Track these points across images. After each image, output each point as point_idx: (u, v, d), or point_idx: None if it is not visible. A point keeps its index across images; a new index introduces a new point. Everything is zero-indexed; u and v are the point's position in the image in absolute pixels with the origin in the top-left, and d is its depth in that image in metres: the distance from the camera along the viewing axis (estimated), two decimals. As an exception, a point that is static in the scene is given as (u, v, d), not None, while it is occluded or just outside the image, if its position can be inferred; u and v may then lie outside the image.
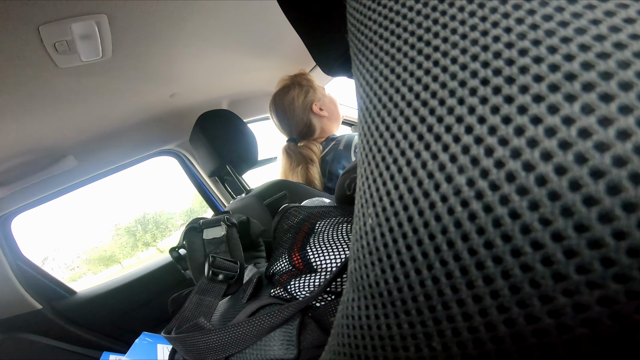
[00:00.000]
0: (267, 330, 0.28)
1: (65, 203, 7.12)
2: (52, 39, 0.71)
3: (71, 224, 58.58)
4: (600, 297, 0.09)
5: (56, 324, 1.20)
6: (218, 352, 0.28)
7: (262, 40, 1.14)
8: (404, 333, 0.12)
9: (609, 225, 0.08)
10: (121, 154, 1.33)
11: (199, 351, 0.28)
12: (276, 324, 0.27)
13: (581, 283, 0.09)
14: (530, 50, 0.10)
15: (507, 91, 0.10)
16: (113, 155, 1.30)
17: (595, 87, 0.08)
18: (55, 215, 57.80)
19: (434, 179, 0.12)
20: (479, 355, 0.10)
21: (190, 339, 0.28)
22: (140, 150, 1.38)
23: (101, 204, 61.48)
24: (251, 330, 0.27)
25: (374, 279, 0.14)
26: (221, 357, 0.28)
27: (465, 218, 0.11)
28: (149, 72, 1.03)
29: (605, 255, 0.08)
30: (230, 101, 1.47)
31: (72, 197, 1.28)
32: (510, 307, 0.10)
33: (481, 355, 0.10)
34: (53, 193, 1.23)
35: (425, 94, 0.13)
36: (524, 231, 0.09)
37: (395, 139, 0.14)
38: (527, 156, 0.09)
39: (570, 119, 0.09)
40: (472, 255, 0.10)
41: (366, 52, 0.17)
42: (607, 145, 0.08)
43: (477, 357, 0.10)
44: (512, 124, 0.10)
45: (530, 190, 0.09)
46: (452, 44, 0.12)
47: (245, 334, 0.27)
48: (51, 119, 1.00)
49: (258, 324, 0.27)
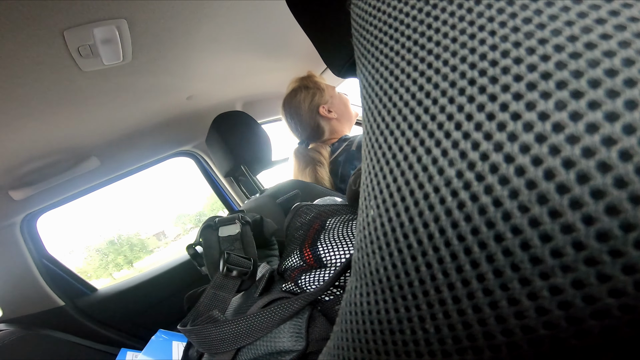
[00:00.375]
0: (277, 322, 0.29)
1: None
2: (76, 43, 0.74)
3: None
4: (573, 280, 0.09)
5: (77, 321, 1.24)
6: (230, 343, 0.29)
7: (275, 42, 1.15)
8: (401, 317, 0.13)
9: (579, 211, 0.09)
10: (141, 155, 1.37)
11: (213, 342, 0.30)
12: (286, 316, 0.28)
13: (556, 266, 0.09)
14: (511, 52, 0.11)
15: (491, 90, 0.11)
16: (133, 156, 1.34)
17: (567, 85, 0.09)
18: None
19: (427, 171, 0.12)
20: (467, 336, 0.11)
21: (204, 330, 0.30)
22: (159, 151, 1.41)
23: (74, 224, 61.13)
24: (262, 322, 0.28)
25: (374, 266, 0.15)
26: (233, 347, 0.30)
27: (455, 207, 0.11)
28: (167, 75, 1.05)
29: (576, 239, 0.09)
30: (245, 102, 1.49)
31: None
32: (494, 291, 0.11)
33: (469, 337, 0.11)
34: (76, 193, 1.28)
35: (420, 94, 0.14)
36: (505, 218, 0.10)
37: (394, 136, 0.15)
38: (507, 149, 0.10)
39: (545, 114, 0.09)
40: (460, 242, 0.11)
41: (368, 55, 0.18)
42: (577, 138, 0.09)
43: (466, 338, 0.11)
44: (495, 120, 0.11)
45: (510, 180, 0.10)
46: (444, 48, 0.13)
47: (257, 326, 0.29)
48: (75, 121, 1.03)
49: (269, 316, 0.28)
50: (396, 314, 0.13)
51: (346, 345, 0.16)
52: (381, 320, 0.14)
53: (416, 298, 0.13)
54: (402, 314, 0.13)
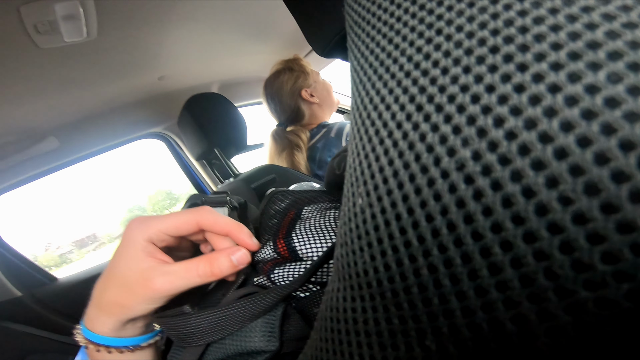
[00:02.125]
0: (247, 319, 0.26)
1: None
2: (33, 19, 0.68)
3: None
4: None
5: (36, 312, 1.17)
6: (196, 338, 0.26)
7: (257, 23, 1.12)
8: (394, 329, 0.11)
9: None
10: (106, 136, 1.29)
11: (179, 335, 0.27)
12: (257, 312, 0.26)
13: None
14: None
15: (520, 59, 0.09)
16: (97, 137, 1.27)
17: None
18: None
19: (433, 152, 0.10)
20: (480, 357, 0.09)
21: (172, 322, 0.27)
22: (126, 133, 1.35)
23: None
24: (230, 318, 0.26)
25: (362, 266, 0.12)
26: (200, 342, 0.27)
27: (470, 197, 0.09)
28: (136, 54, 0.99)
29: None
30: (221, 85, 1.44)
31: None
32: (521, 302, 0.08)
33: (483, 357, 0.09)
34: (34, 175, 1.19)
35: (426, 63, 0.11)
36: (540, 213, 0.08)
37: (391, 111, 0.12)
38: (543, 126, 0.08)
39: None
40: (476, 240, 0.09)
41: (362, 24, 0.16)
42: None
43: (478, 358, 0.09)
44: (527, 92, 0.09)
45: (545, 160, 0.08)
46: (458, 13, 0.11)
47: (224, 322, 0.26)
48: (32, 99, 0.96)
49: (237, 312, 0.26)
50: (388, 325, 0.11)
51: (326, 357, 0.14)
52: (369, 332, 0.12)
53: (415, 308, 0.10)
54: (396, 326, 0.11)
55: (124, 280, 0.25)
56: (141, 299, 0.25)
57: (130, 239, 0.26)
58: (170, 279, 0.24)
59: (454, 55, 0.11)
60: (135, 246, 0.25)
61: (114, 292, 0.26)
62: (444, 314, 0.10)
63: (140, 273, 0.25)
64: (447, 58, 0.11)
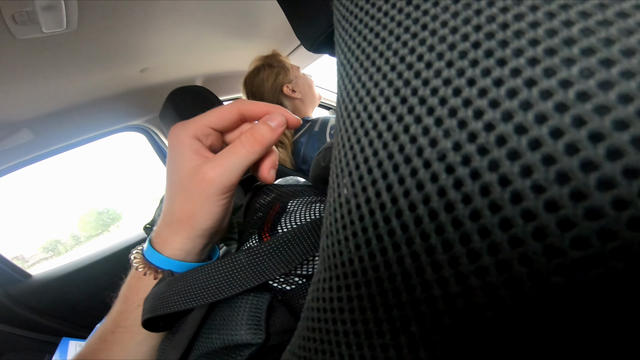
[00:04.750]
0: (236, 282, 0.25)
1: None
2: (11, 10, 0.65)
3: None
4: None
5: (11, 310, 1.12)
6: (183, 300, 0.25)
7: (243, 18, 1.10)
8: (379, 317, 0.11)
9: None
10: (83, 129, 1.25)
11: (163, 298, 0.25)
12: (242, 277, 0.25)
13: None
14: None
15: (499, 54, 0.09)
16: (74, 130, 1.22)
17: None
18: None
19: (416, 142, 0.10)
20: (462, 342, 0.09)
21: (160, 288, 0.26)
22: (105, 125, 1.30)
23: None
24: (219, 274, 0.25)
25: (347, 256, 0.12)
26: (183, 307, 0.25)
27: (450, 185, 0.09)
28: (117, 46, 0.96)
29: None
30: (205, 79, 1.42)
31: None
32: (499, 287, 0.09)
33: (465, 342, 0.09)
34: (6, 168, 1.14)
35: (411, 57, 0.12)
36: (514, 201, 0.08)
37: (376, 103, 0.12)
38: (519, 118, 0.08)
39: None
40: (456, 228, 0.09)
41: (350, 17, 0.16)
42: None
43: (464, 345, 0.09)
44: (505, 86, 0.09)
45: (523, 155, 0.08)
46: (443, 8, 0.11)
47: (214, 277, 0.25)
48: (5, 90, 0.92)
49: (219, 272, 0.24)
50: (373, 313, 0.11)
51: (313, 346, 0.14)
52: (355, 321, 0.12)
53: (399, 295, 0.11)
54: (380, 314, 0.11)
55: (181, 184, 0.25)
56: (202, 199, 0.24)
57: (176, 141, 0.26)
58: (220, 164, 0.24)
59: (437, 49, 0.11)
60: (182, 146, 0.25)
61: (178, 201, 0.25)
62: (426, 300, 0.10)
63: (192, 170, 0.25)
64: (431, 52, 0.11)
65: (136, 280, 0.28)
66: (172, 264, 0.26)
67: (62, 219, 6.99)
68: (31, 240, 5.43)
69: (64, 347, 1.03)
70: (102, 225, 5.71)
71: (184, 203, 0.25)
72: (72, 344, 1.05)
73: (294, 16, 0.31)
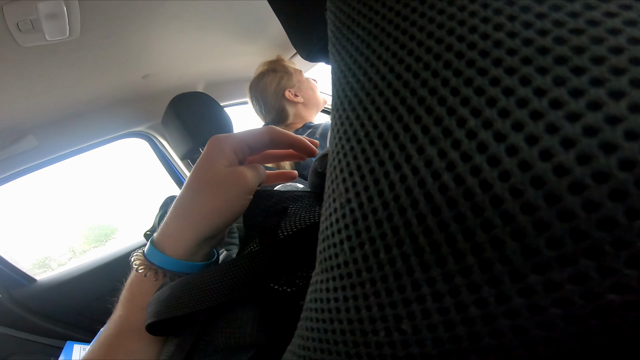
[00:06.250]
0: (234, 285, 0.25)
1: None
2: (16, 18, 0.67)
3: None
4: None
5: (16, 314, 1.14)
6: (202, 296, 0.25)
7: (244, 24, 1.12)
8: (373, 316, 0.12)
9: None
10: (87, 135, 1.26)
11: (178, 298, 0.25)
12: (244, 278, 0.25)
13: None
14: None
15: (496, 54, 0.10)
16: (78, 136, 1.24)
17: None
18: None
19: (405, 150, 0.11)
20: (450, 339, 0.10)
21: (174, 287, 0.26)
22: (108, 132, 1.32)
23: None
24: (229, 276, 0.25)
25: (343, 258, 0.13)
26: (200, 306, 0.25)
27: (436, 190, 0.10)
28: (120, 53, 0.98)
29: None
30: (207, 84, 1.43)
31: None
32: (481, 286, 0.09)
33: (452, 338, 0.10)
34: (12, 174, 1.16)
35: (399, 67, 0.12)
36: (495, 204, 0.09)
37: (368, 112, 0.13)
38: (498, 126, 0.09)
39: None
40: (442, 231, 0.10)
41: (343, 28, 0.16)
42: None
43: (449, 340, 0.10)
44: (485, 95, 0.09)
45: (501, 160, 0.09)
46: (439, 11, 0.12)
47: (225, 279, 0.25)
48: (10, 97, 0.94)
49: (235, 272, 0.25)
50: (368, 312, 0.12)
51: (312, 346, 0.14)
52: (351, 320, 0.12)
53: (391, 295, 0.11)
54: (375, 312, 0.12)
55: (215, 180, 0.28)
56: (235, 193, 0.28)
57: (218, 147, 0.29)
58: (255, 168, 0.29)
59: (434, 50, 0.11)
60: (223, 152, 0.29)
61: (205, 195, 0.27)
62: (417, 299, 0.11)
63: (232, 172, 0.28)
64: (428, 54, 0.11)
65: (138, 284, 0.28)
66: (174, 263, 0.27)
67: (59, 232, 6.92)
68: (25, 253, 5.34)
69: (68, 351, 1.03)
70: (98, 240, 5.65)
71: (213, 196, 0.27)
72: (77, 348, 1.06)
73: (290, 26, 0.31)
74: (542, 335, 0.09)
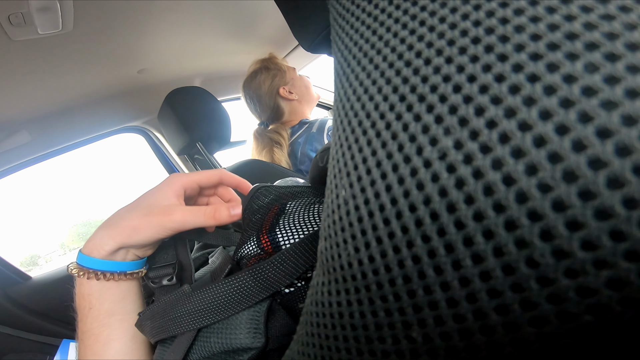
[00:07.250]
0: (236, 302, 0.26)
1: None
2: (6, 11, 0.65)
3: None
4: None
5: (11, 311, 1.12)
6: (190, 320, 0.27)
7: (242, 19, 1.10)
8: (380, 322, 0.11)
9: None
10: (81, 130, 1.24)
11: (174, 319, 0.28)
12: (245, 295, 0.26)
13: None
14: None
15: (500, 49, 0.09)
16: (72, 131, 1.22)
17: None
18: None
19: (416, 141, 0.10)
20: (466, 348, 0.09)
21: (170, 304, 0.28)
22: (103, 127, 1.30)
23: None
24: (221, 297, 0.26)
25: (346, 259, 0.12)
26: (192, 327, 0.27)
27: (452, 185, 0.09)
28: (114, 47, 0.96)
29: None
30: (204, 79, 1.41)
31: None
32: (504, 292, 0.08)
33: (469, 348, 0.09)
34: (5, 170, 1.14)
35: (409, 54, 0.11)
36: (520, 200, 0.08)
37: (375, 102, 0.12)
38: (522, 115, 0.08)
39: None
40: (459, 229, 0.09)
41: (347, 15, 0.15)
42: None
43: (464, 350, 0.09)
44: (506, 82, 0.09)
45: (528, 152, 0.08)
46: (441, 4, 0.11)
47: (215, 301, 0.26)
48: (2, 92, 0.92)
49: (227, 290, 0.26)
50: (374, 318, 0.11)
51: (313, 352, 0.13)
52: (355, 326, 0.11)
53: (399, 299, 0.10)
54: (381, 318, 0.11)
55: (149, 209, 0.31)
56: (156, 225, 0.30)
57: (170, 183, 0.33)
58: (185, 214, 0.31)
59: (436, 45, 0.10)
60: (171, 188, 0.32)
61: (134, 217, 0.31)
62: (428, 305, 0.10)
63: (166, 206, 0.31)
64: (429, 49, 0.11)
65: (100, 290, 0.32)
66: (99, 263, 0.31)
67: (49, 228, 6.87)
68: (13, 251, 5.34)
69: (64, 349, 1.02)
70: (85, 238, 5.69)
71: (139, 220, 0.30)
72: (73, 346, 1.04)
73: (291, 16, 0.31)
74: (568, 343, 0.08)
